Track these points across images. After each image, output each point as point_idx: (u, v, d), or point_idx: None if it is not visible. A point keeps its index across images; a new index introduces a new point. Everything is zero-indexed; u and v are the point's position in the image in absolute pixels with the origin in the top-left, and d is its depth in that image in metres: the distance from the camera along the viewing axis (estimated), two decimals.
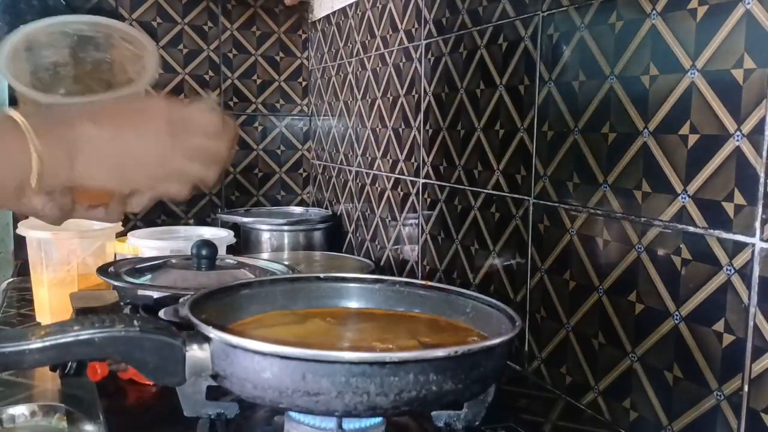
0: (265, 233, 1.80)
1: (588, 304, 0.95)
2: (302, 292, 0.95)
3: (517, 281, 1.11)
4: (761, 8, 0.70)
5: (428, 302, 0.92)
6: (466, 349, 0.69)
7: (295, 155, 2.19)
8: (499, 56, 1.14)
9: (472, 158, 1.22)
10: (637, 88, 0.85)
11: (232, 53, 2.09)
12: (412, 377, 0.66)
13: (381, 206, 1.62)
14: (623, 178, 0.88)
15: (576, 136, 0.96)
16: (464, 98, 1.24)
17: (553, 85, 1.01)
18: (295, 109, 2.17)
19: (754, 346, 0.71)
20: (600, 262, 0.93)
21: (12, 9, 1.82)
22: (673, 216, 0.80)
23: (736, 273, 0.73)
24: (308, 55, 2.15)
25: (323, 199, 2.06)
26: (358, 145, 1.75)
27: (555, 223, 1.01)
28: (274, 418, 0.82)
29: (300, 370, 0.66)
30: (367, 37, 1.69)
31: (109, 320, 0.68)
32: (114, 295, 1.24)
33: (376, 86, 1.63)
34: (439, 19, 1.33)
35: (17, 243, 1.88)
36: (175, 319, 0.83)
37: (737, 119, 0.72)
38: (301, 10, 2.13)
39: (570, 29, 0.97)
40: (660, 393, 0.84)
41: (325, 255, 1.72)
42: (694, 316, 0.78)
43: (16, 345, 0.65)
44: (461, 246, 1.26)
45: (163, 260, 1.26)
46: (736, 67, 0.72)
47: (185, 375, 0.71)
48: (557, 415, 0.95)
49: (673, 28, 0.80)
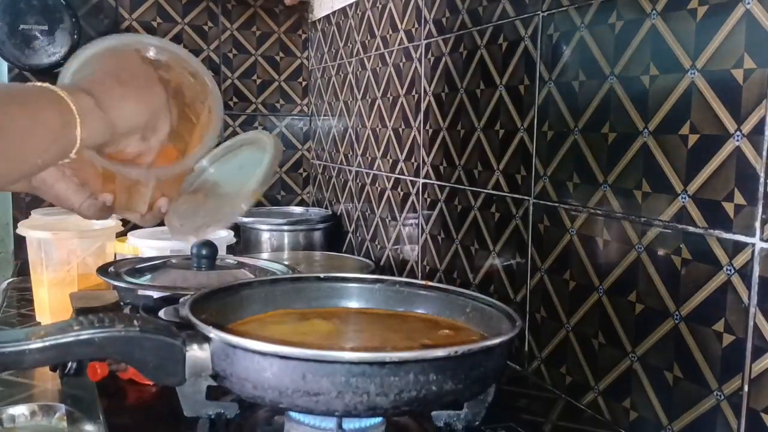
0: (265, 233, 1.80)
1: (588, 304, 0.95)
2: (302, 292, 0.95)
3: (517, 281, 1.11)
4: (761, 8, 0.70)
5: (428, 302, 0.92)
6: (466, 349, 0.69)
7: (295, 155, 2.19)
8: (499, 56, 1.14)
9: (472, 158, 1.22)
10: (637, 88, 0.85)
11: (232, 53, 2.09)
12: (412, 377, 0.66)
13: (381, 206, 1.62)
14: (623, 178, 0.88)
15: (576, 136, 0.96)
16: (464, 98, 1.24)
17: (553, 85, 1.01)
18: (295, 109, 2.17)
19: (754, 346, 0.71)
20: (600, 262, 0.93)
21: (12, 9, 1.82)
22: (673, 216, 0.80)
23: (736, 273, 0.73)
24: (308, 55, 2.15)
25: (323, 199, 2.06)
26: (358, 145, 1.75)
27: (555, 223, 1.01)
28: (274, 418, 0.82)
29: (300, 370, 0.66)
30: (367, 37, 1.69)
31: (109, 320, 0.68)
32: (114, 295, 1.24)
33: (376, 86, 1.63)
34: (439, 19, 1.33)
35: (17, 243, 1.88)
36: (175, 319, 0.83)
37: (737, 119, 0.72)
38: (301, 10, 2.13)
39: (570, 29, 0.97)
40: (660, 393, 0.84)
41: (325, 255, 1.72)
42: (694, 316, 0.78)
43: (16, 345, 0.65)
44: (461, 246, 1.26)
45: (163, 260, 1.26)
46: (736, 67, 0.72)
47: (185, 375, 0.71)
48: (557, 415, 0.95)
49: (673, 28, 0.80)
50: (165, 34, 2.01)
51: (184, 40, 2.03)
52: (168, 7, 2.02)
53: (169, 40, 2.01)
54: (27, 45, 1.83)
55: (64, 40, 1.85)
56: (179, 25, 2.03)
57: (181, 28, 2.03)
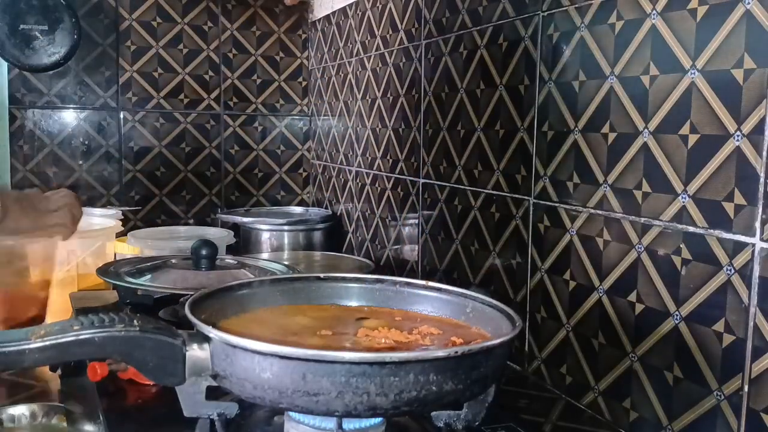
0: (265, 233, 1.80)
1: (588, 304, 0.95)
2: (302, 291, 0.95)
3: (517, 281, 1.11)
4: (761, 8, 0.70)
5: (428, 302, 0.92)
6: (466, 349, 0.68)
7: (295, 155, 2.19)
8: (499, 56, 1.14)
9: (472, 158, 1.22)
10: (637, 88, 0.85)
11: (232, 53, 2.09)
12: (412, 377, 0.66)
13: (381, 206, 1.62)
14: (623, 178, 0.88)
15: (576, 136, 0.96)
16: (464, 98, 1.24)
17: (553, 85, 1.01)
18: (295, 109, 2.17)
19: (754, 346, 0.71)
20: (600, 262, 0.93)
21: (12, 9, 1.82)
22: (673, 216, 0.80)
23: (736, 273, 0.73)
24: (308, 55, 2.15)
25: (323, 199, 2.06)
26: (358, 145, 1.75)
27: (555, 223, 1.01)
28: (274, 418, 0.82)
29: (300, 370, 0.66)
30: (367, 37, 1.69)
31: (109, 320, 0.68)
32: (114, 295, 1.24)
33: (376, 86, 1.63)
34: (439, 19, 1.33)
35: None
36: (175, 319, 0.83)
37: (737, 119, 0.72)
38: (301, 10, 2.13)
39: (570, 29, 0.97)
40: (660, 393, 0.84)
41: (325, 255, 1.72)
42: (694, 316, 0.78)
43: (16, 345, 0.65)
44: (461, 246, 1.26)
45: (163, 260, 1.26)
46: (736, 67, 0.72)
47: (185, 375, 0.71)
48: (557, 415, 0.95)
49: (673, 28, 0.80)
50: (165, 33, 2.01)
51: (184, 40, 2.03)
52: (168, 7, 2.02)
53: (169, 40, 2.02)
54: (27, 45, 1.83)
55: (64, 40, 1.85)
56: (179, 25, 2.03)
57: (181, 28, 2.03)
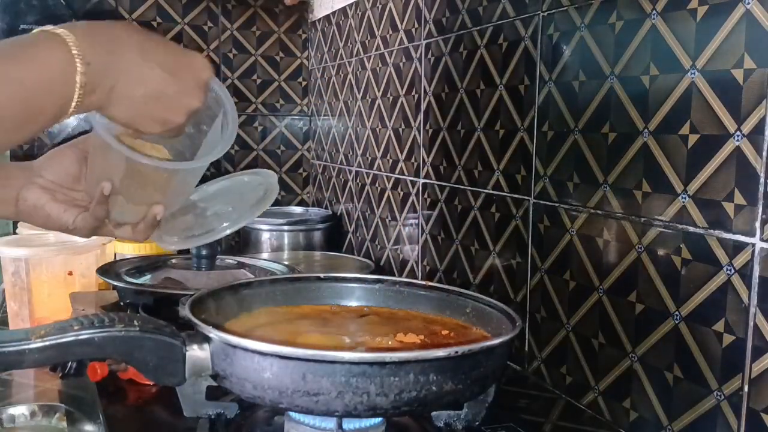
0: (265, 233, 1.80)
1: (588, 304, 0.95)
2: (302, 292, 0.95)
3: (517, 281, 1.11)
4: (761, 8, 0.70)
5: (428, 302, 0.92)
6: (466, 349, 0.69)
7: (295, 155, 2.19)
8: (499, 56, 1.14)
9: (472, 158, 1.22)
10: (637, 88, 0.85)
11: (232, 53, 2.09)
12: (412, 377, 0.66)
13: (381, 206, 1.62)
14: (623, 178, 0.88)
15: (576, 136, 0.96)
16: (464, 98, 1.24)
17: (553, 85, 1.01)
18: (295, 109, 2.17)
19: (754, 346, 0.71)
20: (600, 262, 0.93)
21: (12, 9, 1.82)
22: (673, 216, 0.80)
23: (736, 273, 0.73)
24: (308, 55, 2.15)
25: (323, 199, 2.06)
26: (358, 145, 1.75)
27: (555, 223, 1.01)
28: (274, 418, 0.82)
29: (300, 370, 0.66)
30: (367, 37, 1.69)
31: (109, 320, 0.68)
32: (114, 295, 1.24)
33: (376, 86, 1.63)
34: (439, 19, 1.33)
35: None
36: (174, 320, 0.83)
37: (737, 119, 0.72)
38: (301, 10, 2.13)
39: (570, 29, 0.97)
40: (660, 393, 0.84)
41: (325, 255, 1.72)
42: (694, 316, 0.78)
43: (16, 345, 0.65)
44: (461, 246, 1.26)
45: (163, 260, 1.26)
46: (736, 67, 0.72)
47: (185, 375, 0.71)
48: (557, 415, 0.95)
49: (673, 28, 0.80)
50: (165, 33, 2.01)
51: (184, 40, 2.03)
52: (168, 7, 2.02)
53: (169, 39, 2.01)
54: None
55: None
56: (179, 25, 2.03)
57: (181, 28, 2.03)
